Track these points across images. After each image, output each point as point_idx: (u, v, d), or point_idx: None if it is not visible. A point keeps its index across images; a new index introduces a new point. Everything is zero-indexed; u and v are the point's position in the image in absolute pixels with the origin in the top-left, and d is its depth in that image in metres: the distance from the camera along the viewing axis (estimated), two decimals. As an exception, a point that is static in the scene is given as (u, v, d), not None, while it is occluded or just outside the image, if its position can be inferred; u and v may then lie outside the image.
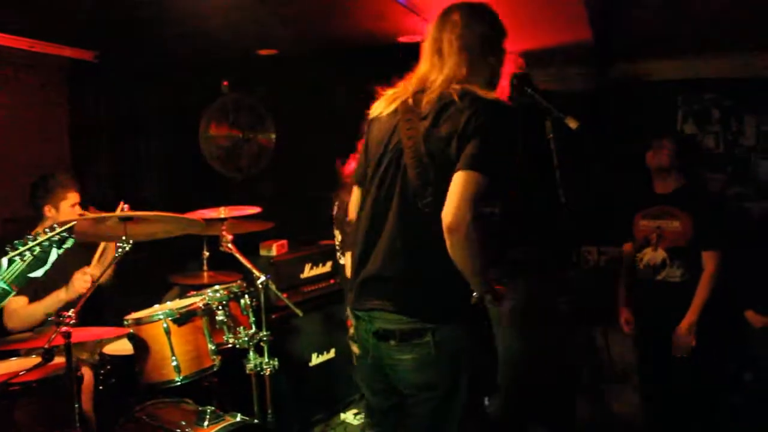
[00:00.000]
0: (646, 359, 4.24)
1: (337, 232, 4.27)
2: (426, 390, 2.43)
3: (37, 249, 2.44)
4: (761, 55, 4.65)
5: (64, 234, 2.48)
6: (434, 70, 2.43)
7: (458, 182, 2.22)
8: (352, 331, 2.54)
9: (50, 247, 2.47)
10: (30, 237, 2.43)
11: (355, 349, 3.79)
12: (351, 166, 3.57)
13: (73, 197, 3.72)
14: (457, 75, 2.38)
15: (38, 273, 2.48)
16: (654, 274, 4.04)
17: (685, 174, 4.14)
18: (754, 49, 4.64)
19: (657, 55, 4.85)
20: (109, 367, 3.38)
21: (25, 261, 2.42)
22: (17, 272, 2.42)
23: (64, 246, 2.50)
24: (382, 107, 2.56)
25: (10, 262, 2.41)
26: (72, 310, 2.70)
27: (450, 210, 2.18)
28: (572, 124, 2.15)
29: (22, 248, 2.42)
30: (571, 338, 2.37)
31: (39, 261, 2.46)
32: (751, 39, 4.45)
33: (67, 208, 3.69)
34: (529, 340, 4.28)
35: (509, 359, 4.10)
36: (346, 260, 3.58)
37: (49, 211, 3.70)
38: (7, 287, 2.40)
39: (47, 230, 2.47)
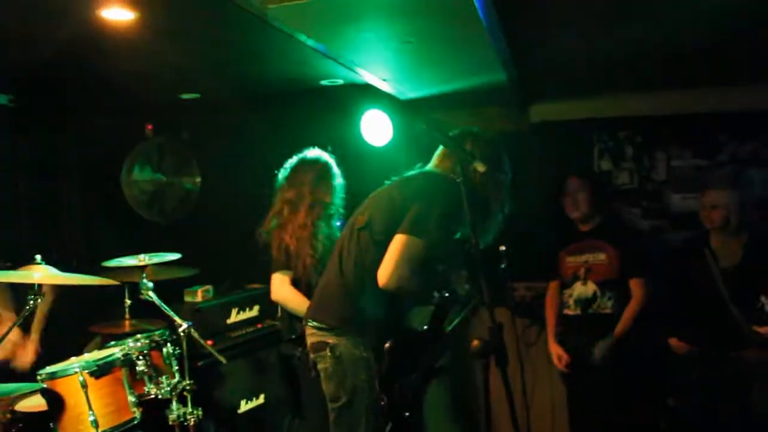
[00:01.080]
0: (575, 393, 4.33)
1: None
2: (332, 401, 2.72)
3: None
4: (669, 94, 4.88)
5: None
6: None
7: (397, 242, 2.57)
8: None
9: None
10: None
11: None
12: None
13: None
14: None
15: None
16: (585, 308, 4.15)
17: (602, 210, 4.29)
18: (663, 89, 4.87)
19: (572, 95, 5.03)
20: (21, 425, 3.24)
21: None
22: None
23: None
24: None
25: None
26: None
27: (385, 268, 2.57)
28: (480, 168, 2.22)
29: None
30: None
31: None
32: (659, 79, 4.68)
33: None
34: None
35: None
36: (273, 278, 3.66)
37: None
38: None
39: None
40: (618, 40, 3.57)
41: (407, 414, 2.55)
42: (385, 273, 2.55)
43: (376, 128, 4.39)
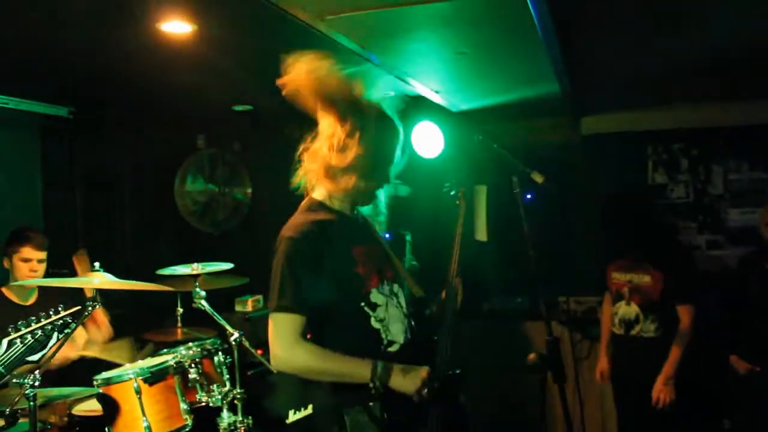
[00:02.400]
0: (626, 414, 4.23)
1: None
2: None
3: (39, 332, 2.41)
4: (725, 105, 4.77)
5: (68, 319, 2.45)
6: None
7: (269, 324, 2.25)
8: None
9: (52, 331, 2.44)
10: (33, 319, 2.39)
11: None
12: None
13: (27, 252, 3.68)
14: None
15: (35, 357, 2.42)
16: (628, 330, 4.04)
17: (654, 228, 4.18)
18: (718, 100, 4.77)
19: (625, 107, 4.96)
20: (78, 428, 3.29)
21: (25, 344, 2.38)
22: (16, 355, 2.39)
23: (66, 331, 2.47)
24: None
25: (10, 344, 2.37)
26: (38, 370, 2.64)
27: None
28: (538, 179, 2.19)
29: (24, 330, 2.38)
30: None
31: (39, 344, 2.43)
32: (715, 90, 4.58)
33: (17, 262, 3.67)
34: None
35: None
36: None
37: (6, 263, 3.71)
38: (2, 370, 2.36)
39: (51, 313, 2.43)
40: (672, 50, 3.52)
41: None
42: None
43: (427, 140, 4.37)
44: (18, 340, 2.38)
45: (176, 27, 2.90)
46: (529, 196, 4.48)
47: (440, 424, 2.26)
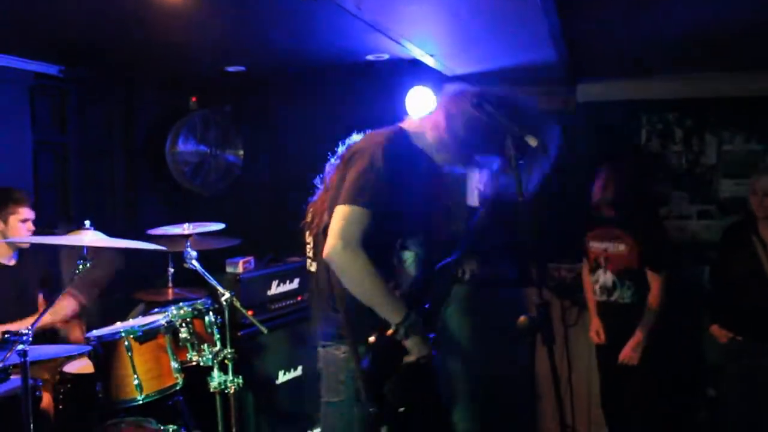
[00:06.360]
0: (608, 380, 4.30)
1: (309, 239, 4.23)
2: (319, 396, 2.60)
3: None
4: (720, 75, 4.76)
5: None
6: None
7: (334, 216, 2.26)
8: None
9: None
10: None
11: None
12: None
13: (25, 213, 3.68)
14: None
15: None
16: (608, 296, 4.13)
17: (631, 195, 4.20)
18: (714, 70, 4.75)
19: (620, 75, 4.94)
20: (69, 386, 3.33)
21: None
22: None
23: None
24: None
25: None
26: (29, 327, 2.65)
27: (327, 242, 2.23)
28: (532, 142, 2.18)
29: None
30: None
31: None
32: (710, 60, 4.56)
33: (15, 223, 3.67)
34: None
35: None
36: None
37: None
38: None
39: None
40: (669, 18, 3.48)
41: (402, 410, 2.34)
42: (326, 243, 2.23)
43: (421, 105, 4.35)
44: None
45: (169, -16, 2.86)
46: (521, 162, 4.51)
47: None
